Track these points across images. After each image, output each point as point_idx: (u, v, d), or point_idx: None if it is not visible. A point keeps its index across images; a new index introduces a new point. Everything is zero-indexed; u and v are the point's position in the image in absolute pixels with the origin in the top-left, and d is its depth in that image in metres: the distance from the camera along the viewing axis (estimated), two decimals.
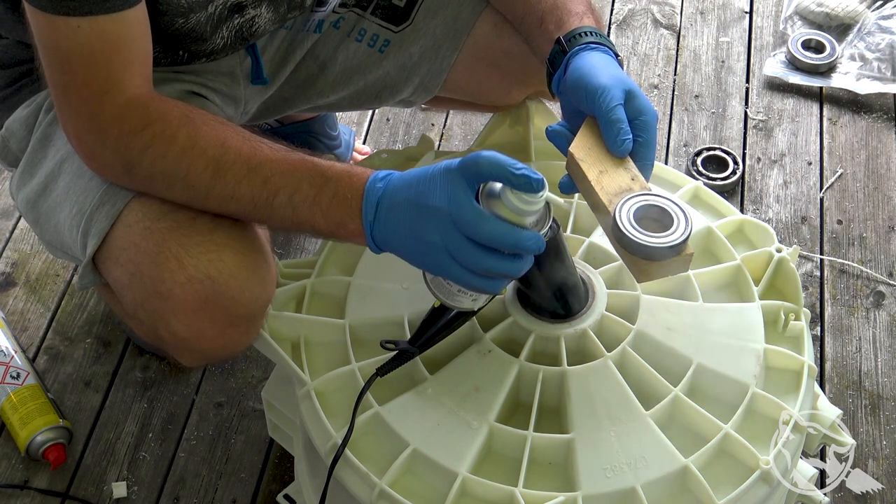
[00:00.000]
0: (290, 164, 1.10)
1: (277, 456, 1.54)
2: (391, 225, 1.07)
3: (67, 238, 1.23)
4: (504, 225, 1.03)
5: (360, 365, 1.22)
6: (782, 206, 1.87)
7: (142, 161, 1.12)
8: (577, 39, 1.20)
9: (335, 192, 1.09)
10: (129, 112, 1.12)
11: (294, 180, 1.10)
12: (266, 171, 1.10)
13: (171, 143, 1.11)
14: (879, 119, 2.01)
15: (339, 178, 1.09)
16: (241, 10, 1.27)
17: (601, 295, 1.25)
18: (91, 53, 1.10)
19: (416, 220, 1.05)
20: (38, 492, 1.50)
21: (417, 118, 2.02)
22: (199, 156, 1.11)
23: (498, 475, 1.15)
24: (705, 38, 2.16)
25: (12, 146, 1.32)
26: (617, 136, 1.12)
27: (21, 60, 1.32)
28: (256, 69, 1.40)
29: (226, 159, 1.10)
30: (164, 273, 1.13)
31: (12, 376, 1.55)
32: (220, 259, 1.13)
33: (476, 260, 1.04)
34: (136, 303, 1.16)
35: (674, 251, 1.07)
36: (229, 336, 1.18)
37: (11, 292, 1.73)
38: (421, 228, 1.05)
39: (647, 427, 1.17)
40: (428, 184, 1.05)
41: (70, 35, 1.08)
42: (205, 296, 1.13)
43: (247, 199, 1.11)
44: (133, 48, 1.12)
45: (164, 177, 1.12)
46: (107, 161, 1.15)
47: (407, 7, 1.43)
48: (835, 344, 1.68)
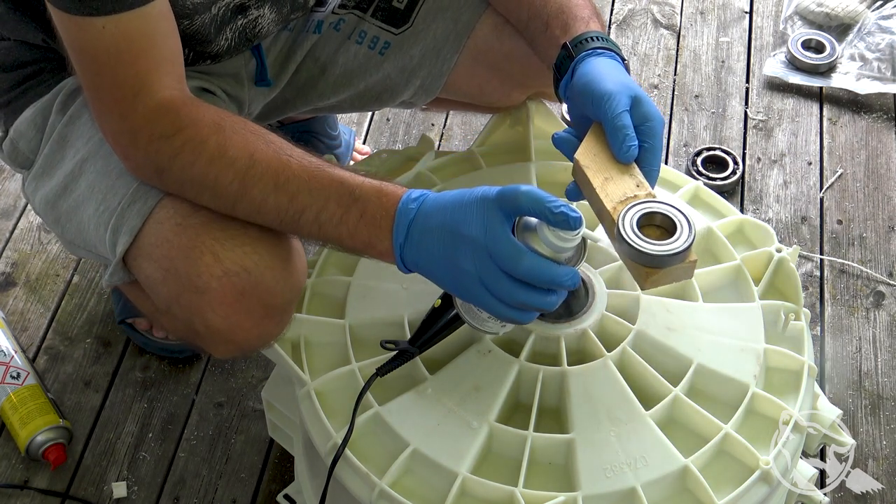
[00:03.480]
0: (319, 182, 1.10)
1: (277, 456, 1.54)
2: (424, 249, 1.07)
3: (93, 236, 1.23)
4: (541, 261, 1.03)
5: (360, 365, 1.22)
6: (782, 206, 1.87)
7: (171, 167, 1.12)
8: (584, 45, 1.19)
9: (363, 211, 1.08)
10: (161, 116, 1.11)
11: (321, 199, 1.09)
12: (293, 187, 1.09)
13: (200, 151, 1.11)
14: (879, 119, 2.01)
15: (367, 198, 1.08)
16: (244, 10, 1.27)
17: (601, 295, 1.25)
18: (118, 53, 1.10)
19: (450, 247, 1.05)
20: (38, 492, 1.50)
21: (417, 118, 2.02)
22: (227, 167, 1.10)
23: (498, 475, 1.15)
24: (705, 38, 2.16)
25: (22, 147, 1.32)
26: (622, 142, 1.12)
27: (24, 63, 1.32)
28: (261, 71, 1.40)
29: (253, 172, 1.10)
30: (201, 267, 1.13)
31: (12, 376, 1.55)
32: (255, 252, 1.14)
33: (511, 293, 1.04)
34: (171, 298, 1.17)
35: (677, 259, 1.06)
36: (264, 327, 1.18)
37: (11, 292, 1.73)
38: (455, 256, 1.05)
39: (647, 427, 1.17)
40: (464, 212, 1.04)
41: (96, 35, 1.08)
42: (241, 288, 1.14)
43: (273, 214, 1.11)
44: (161, 46, 1.12)
45: (193, 184, 1.13)
46: (139, 163, 1.15)
47: (407, 9, 1.43)
48: (835, 344, 1.68)
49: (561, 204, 1.02)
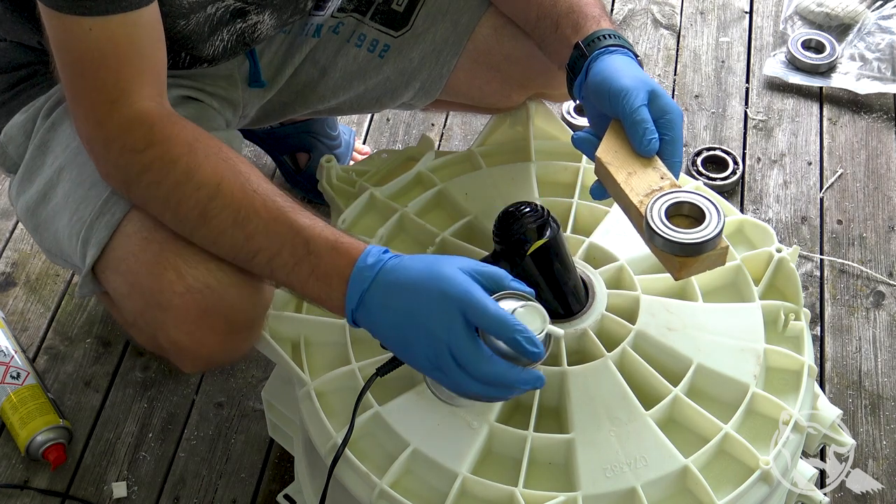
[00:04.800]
0: (276, 226, 1.08)
1: (277, 456, 1.54)
2: (380, 322, 1.06)
3: (67, 246, 1.23)
4: (503, 365, 1.02)
5: (360, 365, 1.22)
6: (782, 206, 1.87)
7: (138, 183, 1.11)
8: (597, 43, 1.19)
9: (314, 267, 1.07)
10: (135, 128, 1.10)
11: (276, 244, 1.08)
12: (251, 227, 1.08)
13: (168, 171, 1.09)
14: (879, 119, 2.01)
15: (320, 254, 1.07)
16: (243, 15, 1.27)
17: (601, 295, 1.25)
18: (102, 57, 1.09)
19: (409, 330, 1.04)
20: (38, 492, 1.50)
21: (417, 118, 2.02)
22: (191, 193, 1.09)
23: (498, 475, 1.15)
24: (705, 38, 2.16)
25: (10, 152, 1.31)
26: (643, 136, 1.12)
27: (19, 65, 1.32)
28: (254, 72, 1.40)
29: (215, 203, 1.08)
30: (163, 283, 1.12)
31: (12, 376, 1.55)
32: (219, 269, 1.13)
33: (469, 387, 1.03)
34: (136, 312, 1.16)
35: (709, 245, 1.07)
36: (230, 343, 1.18)
37: (11, 292, 1.73)
38: (413, 341, 1.04)
39: (647, 427, 1.17)
40: (426, 303, 1.02)
41: (82, 37, 1.07)
42: (204, 305, 1.13)
43: (228, 248, 1.11)
44: (145, 56, 1.11)
45: (157, 203, 1.12)
46: (109, 171, 1.14)
47: (406, 12, 1.43)
48: (835, 344, 1.68)
49: (523, 335, 1.00)
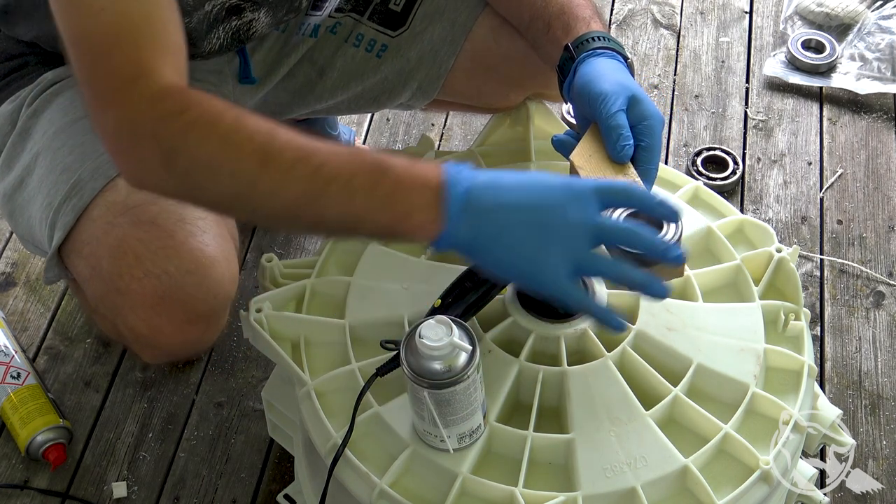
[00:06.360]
0: (343, 153, 1.00)
1: (277, 456, 1.54)
2: (488, 224, 0.99)
3: (38, 232, 1.23)
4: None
5: (360, 365, 1.22)
6: (782, 206, 1.87)
7: (184, 145, 0.99)
8: (585, 45, 1.19)
9: (396, 183, 0.98)
10: (166, 95, 1.00)
11: (349, 169, 0.98)
12: (317, 159, 0.99)
13: (214, 125, 0.99)
14: (879, 119, 2.01)
15: (397, 170, 0.99)
16: (238, 12, 1.26)
17: (601, 295, 1.25)
18: (117, 35, 1.00)
19: (537, 228, 0.99)
20: (38, 492, 1.50)
21: (417, 118, 2.02)
22: (246, 140, 0.99)
23: (498, 475, 1.15)
24: (705, 38, 2.16)
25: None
26: (616, 141, 1.12)
27: (11, 55, 1.32)
28: (244, 69, 1.40)
29: (274, 145, 0.99)
30: (122, 267, 1.12)
31: (12, 376, 1.55)
32: (177, 255, 1.12)
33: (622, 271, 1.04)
34: (97, 297, 1.16)
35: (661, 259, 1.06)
36: (188, 333, 1.17)
37: (11, 292, 1.73)
38: (545, 237, 0.99)
39: (647, 427, 1.17)
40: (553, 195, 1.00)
41: (93, 17, 1.00)
42: (161, 292, 1.12)
43: (298, 189, 0.99)
44: (163, 34, 1.02)
45: (207, 165, 1.00)
46: (143, 156, 1.01)
47: (404, 12, 1.43)
48: (835, 344, 1.68)
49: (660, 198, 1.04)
